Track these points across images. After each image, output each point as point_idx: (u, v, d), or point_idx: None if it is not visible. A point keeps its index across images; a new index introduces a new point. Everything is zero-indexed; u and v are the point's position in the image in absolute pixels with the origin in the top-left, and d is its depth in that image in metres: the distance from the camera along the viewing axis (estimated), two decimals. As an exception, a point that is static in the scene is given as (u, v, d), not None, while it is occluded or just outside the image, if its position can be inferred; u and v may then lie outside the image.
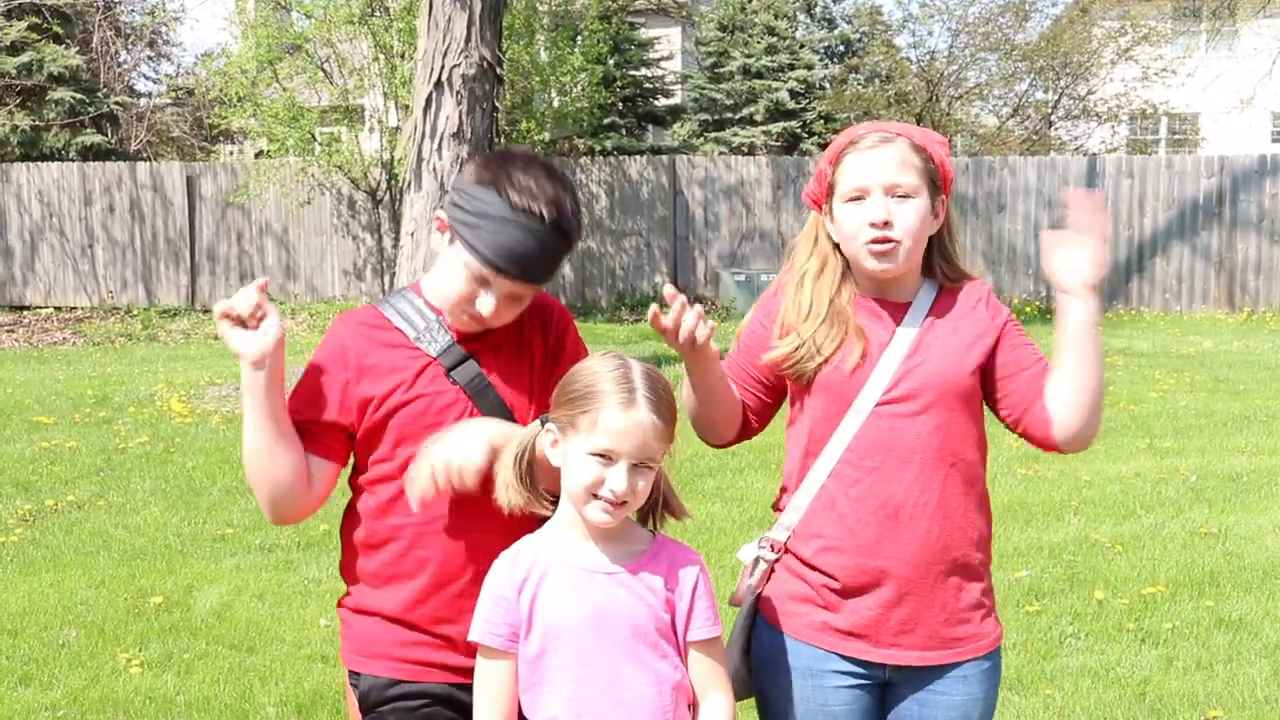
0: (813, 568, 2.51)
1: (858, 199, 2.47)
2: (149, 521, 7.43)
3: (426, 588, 2.44)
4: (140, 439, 9.84)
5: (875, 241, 2.45)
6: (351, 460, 2.53)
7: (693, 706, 2.34)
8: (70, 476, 8.60)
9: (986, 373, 2.53)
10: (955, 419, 2.48)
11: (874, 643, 2.48)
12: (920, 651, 2.48)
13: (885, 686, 2.53)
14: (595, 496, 2.23)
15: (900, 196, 2.45)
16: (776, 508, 2.63)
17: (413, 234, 10.37)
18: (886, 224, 2.43)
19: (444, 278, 2.45)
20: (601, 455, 2.22)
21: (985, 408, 2.58)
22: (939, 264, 2.59)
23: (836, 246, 2.55)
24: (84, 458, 9.19)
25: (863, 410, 2.46)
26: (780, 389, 2.62)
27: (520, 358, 2.53)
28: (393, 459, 2.43)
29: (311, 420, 2.44)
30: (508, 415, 2.45)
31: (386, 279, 18.74)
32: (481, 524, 2.41)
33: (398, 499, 2.43)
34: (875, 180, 2.45)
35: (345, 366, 2.43)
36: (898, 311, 2.53)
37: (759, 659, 2.57)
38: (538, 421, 2.33)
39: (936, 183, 2.50)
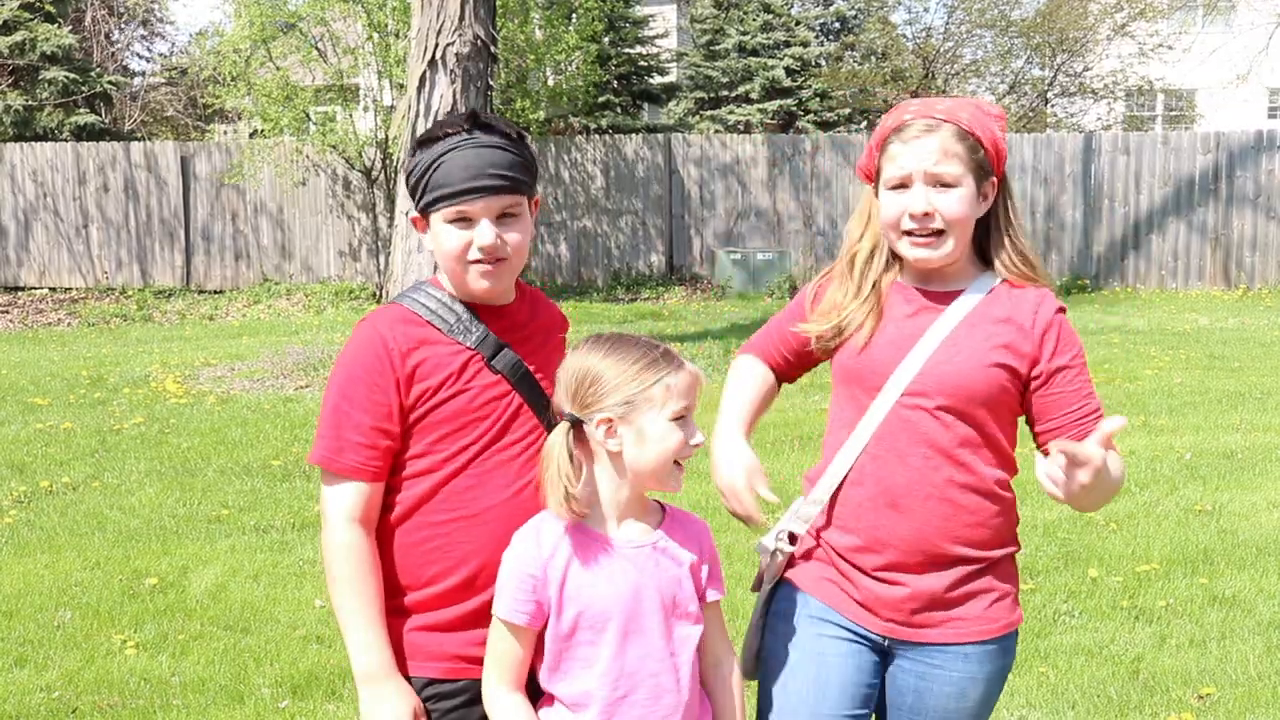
0: (821, 539, 2.56)
1: (900, 187, 2.46)
2: (144, 503, 7.43)
3: (464, 582, 2.41)
4: (135, 420, 9.84)
5: (915, 232, 2.45)
6: None
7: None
8: (65, 458, 8.60)
9: (1025, 400, 2.50)
10: (972, 421, 2.45)
11: (873, 612, 2.51)
12: (913, 628, 2.50)
13: (885, 652, 2.55)
14: (676, 462, 2.31)
15: (943, 186, 2.43)
16: (808, 478, 2.64)
17: (407, 213, 10.31)
18: (927, 215, 2.43)
19: (438, 252, 2.45)
20: (680, 416, 2.30)
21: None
22: (1000, 254, 2.54)
23: None
24: (79, 439, 9.19)
25: (885, 404, 2.47)
26: (807, 359, 2.69)
27: (548, 344, 2.56)
28: (432, 453, 2.41)
29: (376, 429, 2.38)
30: (547, 401, 2.47)
31: (382, 258, 18.71)
32: (517, 514, 2.40)
33: (434, 494, 2.41)
34: (916, 171, 2.43)
35: (393, 367, 2.38)
36: (941, 301, 2.51)
37: (773, 612, 2.62)
38: (564, 426, 2.31)
39: (985, 167, 2.47)
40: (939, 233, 2.44)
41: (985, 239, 2.55)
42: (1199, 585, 5.78)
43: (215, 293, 20.01)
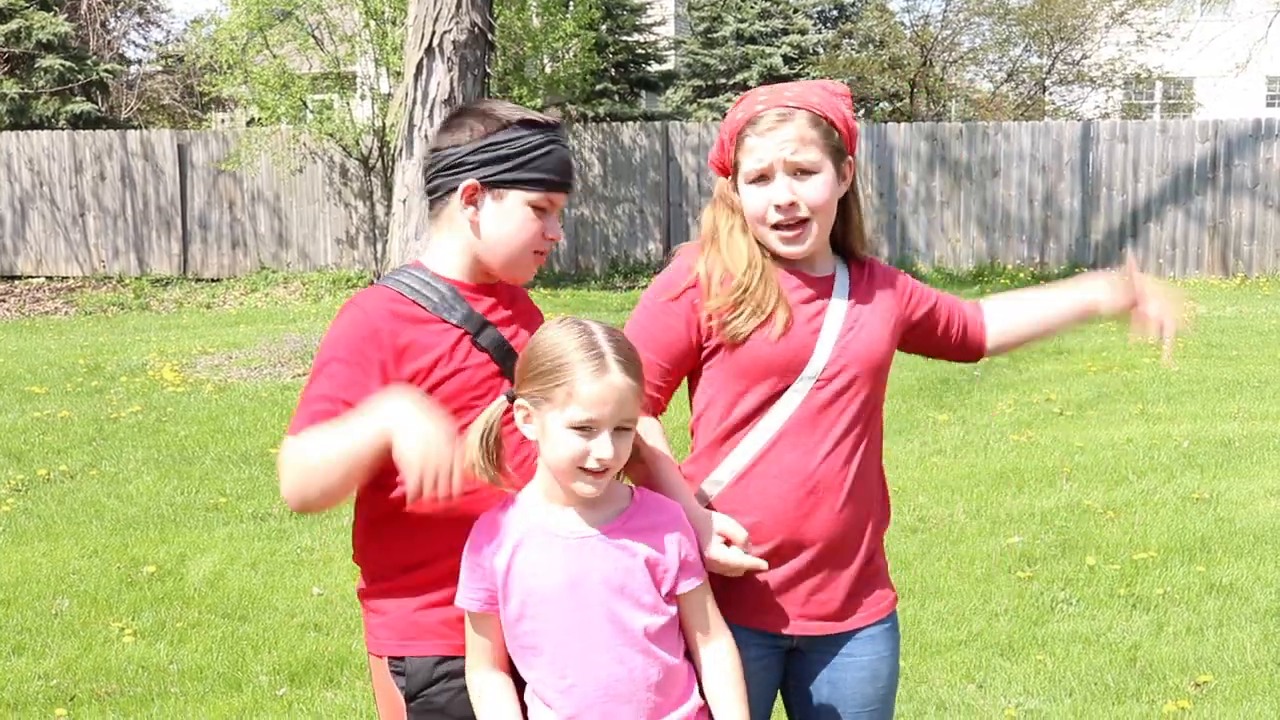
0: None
1: (761, 180, 2.44)
2: (141, 491, 7.43)
3: None
4: (132, 408, 9.83)
5: (782, 226, 2.43)
6: None
7: (689, 652, 2.37)
8: (62, 446, 8.60)
9: (915, 335, 2.64)
10: (874, 395, 2.52)
11: (782, 615, 2.48)
12: (824, 621, 2.50)
13: (791, 653, 2.55)
14: (580, 469, 2.21)
15: (803, 173, 2.42)
16: (688, 479, 2.53)
17: (404, 201, 10.32)
18: (792, 205, 2.41)
19: (503, 232, 2.45)
20: (582, 428, 2.18)
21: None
22: (854, 236, 2.58)
23: None
24: (76, 427, 9.18)
25: (802, 389, 2.45)
26: (679, 371, 2.54)
27: (528, 322, 2.55)
28: None
29: (345, 402, 2.33)
30: None
31: (379, 246, 18.67)
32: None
33: None
34: (776, 161, 2.41)
35: (380, 348, 2.36)
36: (822, 286, 2.52)
37: None
38: (502, 398, 2.30)
39: (841, 148, 2.46)
40: (804, 221, 2.43)
41: (838, 221, 2.54)
42: (1196, 573, 5.79)
43: (212, 281, 19.98)
